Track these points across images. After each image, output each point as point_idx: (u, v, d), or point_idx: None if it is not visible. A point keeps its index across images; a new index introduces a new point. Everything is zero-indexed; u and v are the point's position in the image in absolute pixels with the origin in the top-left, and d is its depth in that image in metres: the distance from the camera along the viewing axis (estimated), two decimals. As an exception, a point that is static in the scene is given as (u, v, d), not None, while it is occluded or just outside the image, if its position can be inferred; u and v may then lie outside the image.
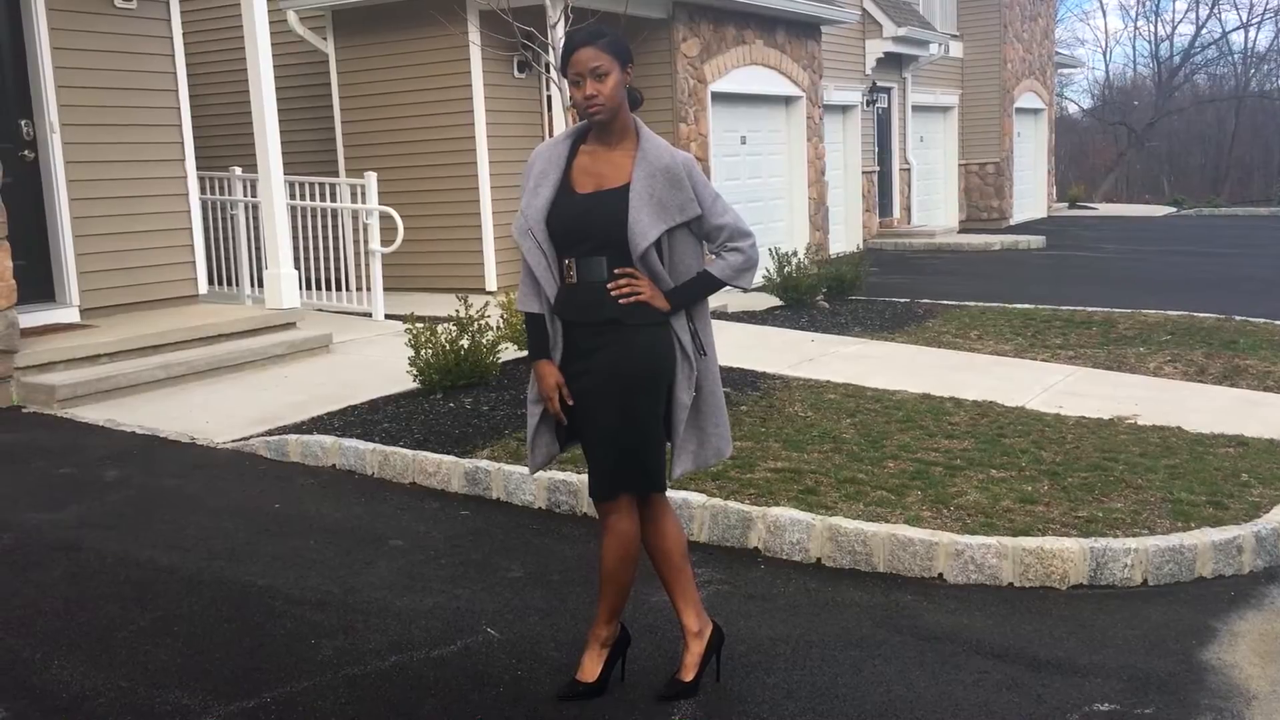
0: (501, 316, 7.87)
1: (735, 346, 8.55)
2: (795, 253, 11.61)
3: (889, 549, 4.59)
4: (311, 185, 10.11)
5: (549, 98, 11.09)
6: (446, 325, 7.26)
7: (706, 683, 3.54)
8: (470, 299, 7.38)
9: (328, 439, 6.02)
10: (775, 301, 11.32)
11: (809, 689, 3.58)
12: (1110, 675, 3.73)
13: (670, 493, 3.81)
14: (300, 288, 9.25)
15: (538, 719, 3.37)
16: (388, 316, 9.73)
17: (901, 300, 11.93)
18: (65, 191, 8.05)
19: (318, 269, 10.29)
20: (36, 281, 7.88)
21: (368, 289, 10.02)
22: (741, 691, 3.56)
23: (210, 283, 9.43)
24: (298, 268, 9.25)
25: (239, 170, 10.03)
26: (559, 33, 8.42)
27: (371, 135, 11.57)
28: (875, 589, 4.43)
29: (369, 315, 9.84)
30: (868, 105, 18.76)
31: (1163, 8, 76.81)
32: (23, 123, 7.94)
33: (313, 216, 10.28)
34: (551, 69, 8.60)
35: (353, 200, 10.03)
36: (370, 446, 5.87)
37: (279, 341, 8.19)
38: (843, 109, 18.09)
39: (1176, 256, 17.58)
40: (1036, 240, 19.40)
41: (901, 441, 6.07)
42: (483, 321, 7.19)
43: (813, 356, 8.66)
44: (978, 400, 7.09)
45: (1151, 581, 4.54)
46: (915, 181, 21.25)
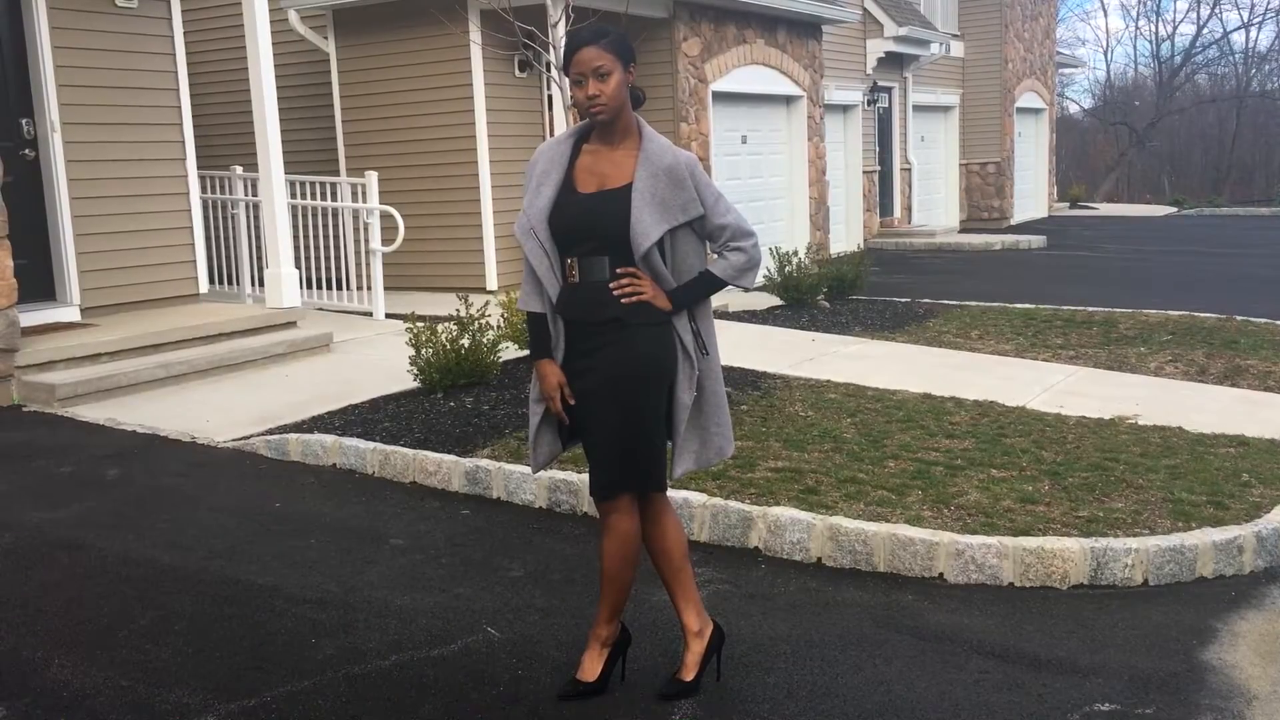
0: (502, 316, 7.87)
1: (736, 346, 8.55)
2: (796, 252, 11.60)
3: (889, 549, 4.59)
4: (312, 184, 10.11)
5: (550, 97, 11.08)
6: (447, 324, 7.26)
7: (707, 682, 3.54)
8: (471, 298, 7.39)
9: (328, 438, 6.01)
10: (776, 301, 11.32)
11: (809, 688, 3.58)
12: (1111, 675, 3.73)
13: (671, 492, 3.80)
14: (301, 287, 9.26)
15: (538, 718, 3.37)
16: (388, 316, 9.73)
17: (902, 300, 11.93)
18: (66, 190, 8.05)
19: (318, 268, 10.29)
20: (37, 280, 7.89)
21: (368, 288, 10.02)
22: (742, 691, 3.56)
23: (211, 282, 9.44)
24: (298, 267, 9.26)
25: (240, 169, 10.03)
26: (560, 32, 8.41)
27: (372, 134, 11.57)
28: (876, 589, 4.43)
29: (370, 314, 9.84)
30: (869, 105, 18.76)
31: (1164, 7, 76.96)
32: (24, 121, 7.95)
33: (313, 216, 10.28)
34: (552, 68, 8.59)
35: (353, 199, 10.03)
36: (371, 446, 5.87)
37: (279, 340, 8.19)
38: (844, 109, 18.09)
39: (1177, 256, 17.57)
40: (1037, 240, 19.41)
41: (902, 441, 6.07)
42: (483, 321, 7.19)
43: (813, 356, 8.66)
44: (978, 400, 7.09)
45: (1152, 581, 4.54)
46: (916, 181, 21.25)
